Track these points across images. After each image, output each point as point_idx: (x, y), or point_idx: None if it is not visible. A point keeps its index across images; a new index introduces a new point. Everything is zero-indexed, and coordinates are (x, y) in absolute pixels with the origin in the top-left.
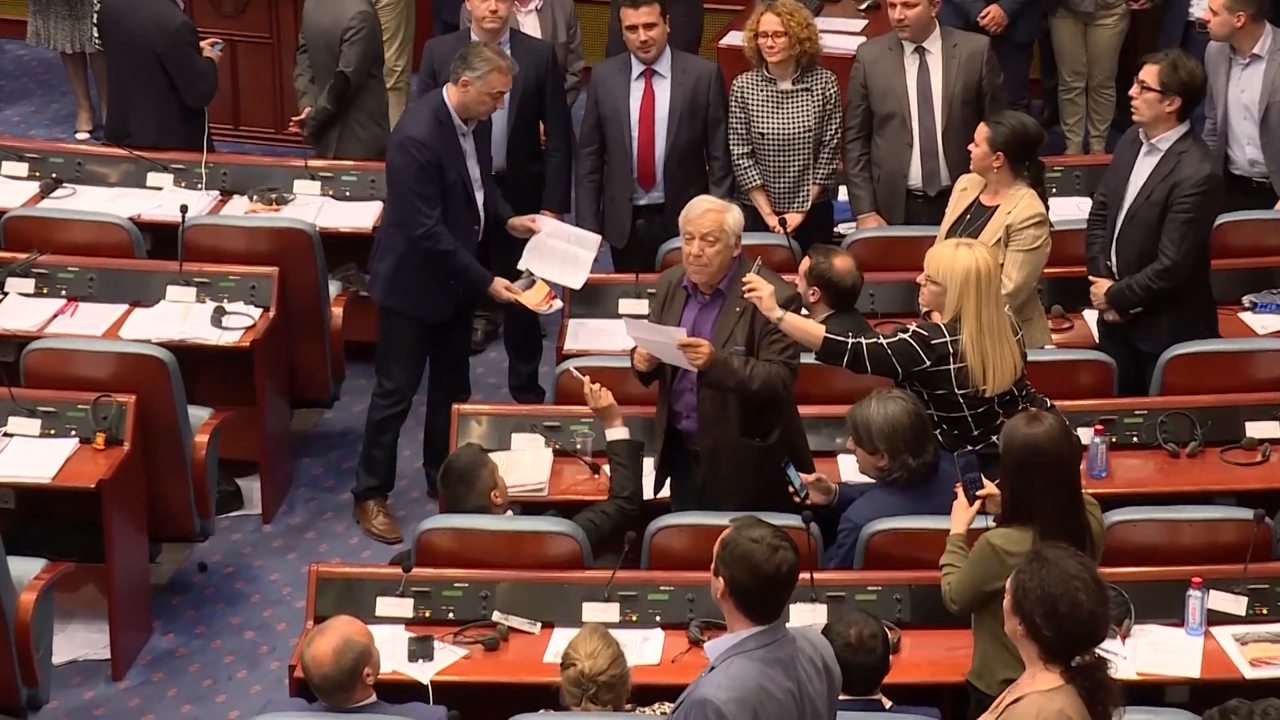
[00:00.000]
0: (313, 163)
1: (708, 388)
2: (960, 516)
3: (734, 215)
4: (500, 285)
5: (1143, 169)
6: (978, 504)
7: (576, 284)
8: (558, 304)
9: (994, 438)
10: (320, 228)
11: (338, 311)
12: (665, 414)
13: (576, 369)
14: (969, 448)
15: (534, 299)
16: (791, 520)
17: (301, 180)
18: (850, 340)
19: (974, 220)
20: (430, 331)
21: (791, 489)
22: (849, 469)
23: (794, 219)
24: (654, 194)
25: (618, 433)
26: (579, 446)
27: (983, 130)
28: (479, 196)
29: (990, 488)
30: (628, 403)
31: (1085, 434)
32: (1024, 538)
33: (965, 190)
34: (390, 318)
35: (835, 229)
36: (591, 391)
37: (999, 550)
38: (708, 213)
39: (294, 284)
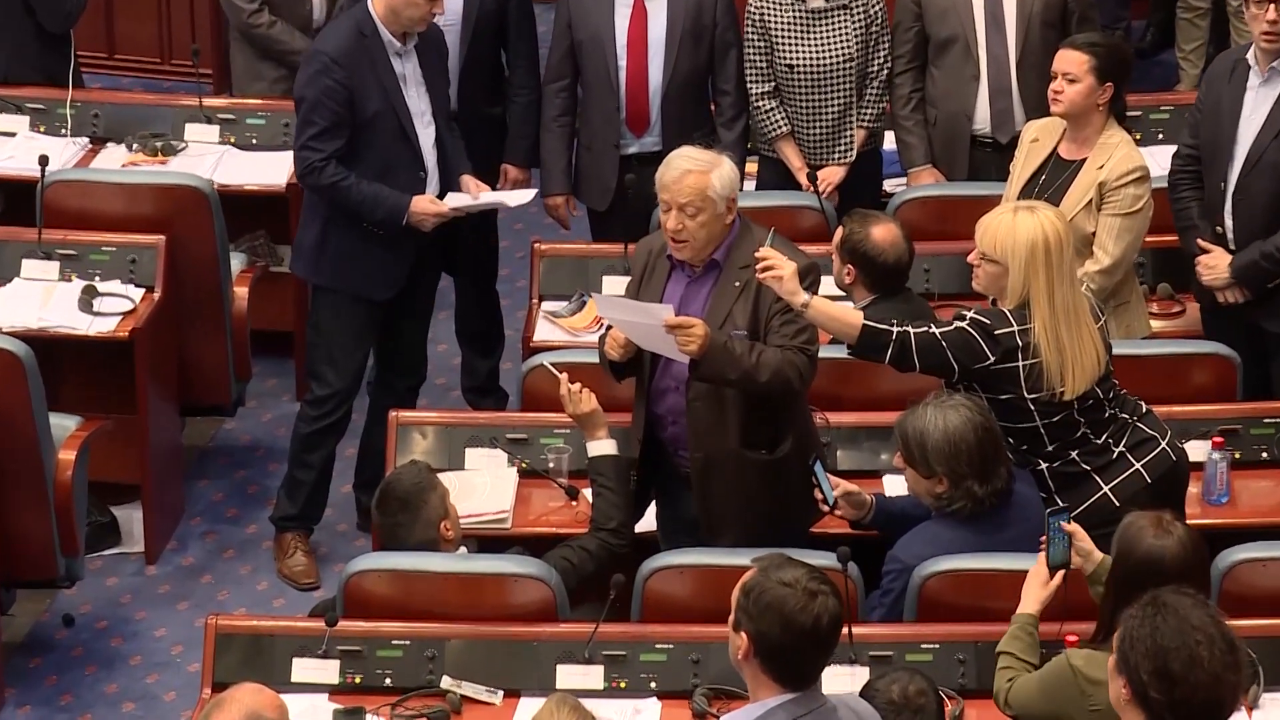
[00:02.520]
0: (210, 102)
1: (702, 382)
2: (1034, 592)
3: (721, 173)
4: (425, 203)
5: (1260, 104)
6: (1059, 579)
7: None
8: (530, 194)
9: (1073, 454)
10: (219, 185)
11: (242, 292)
12: (643, 419)
13: (550, 364)
14: (1041, 465)
15: (582, 321)
16: (822, 558)
17: (195, 124)
18: (895, 329)
19: (1053, 179)
20: (378, 314)
21: (820, 497)
22: (893, 491)
23: (833, 174)
24: (647, 139)
25: (602, 446)
26: (552, 465)
27: (1077, 58)
28: (424, 137)
29: (1087, 546)
30: (616, 409)
31: (1200, 448)
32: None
33: (1037, 141)
34: (321, 299)
35: (882, 186)
36: (570, 393)
37: (1080, 675)
38: (686, 175)
39: (186, 257)
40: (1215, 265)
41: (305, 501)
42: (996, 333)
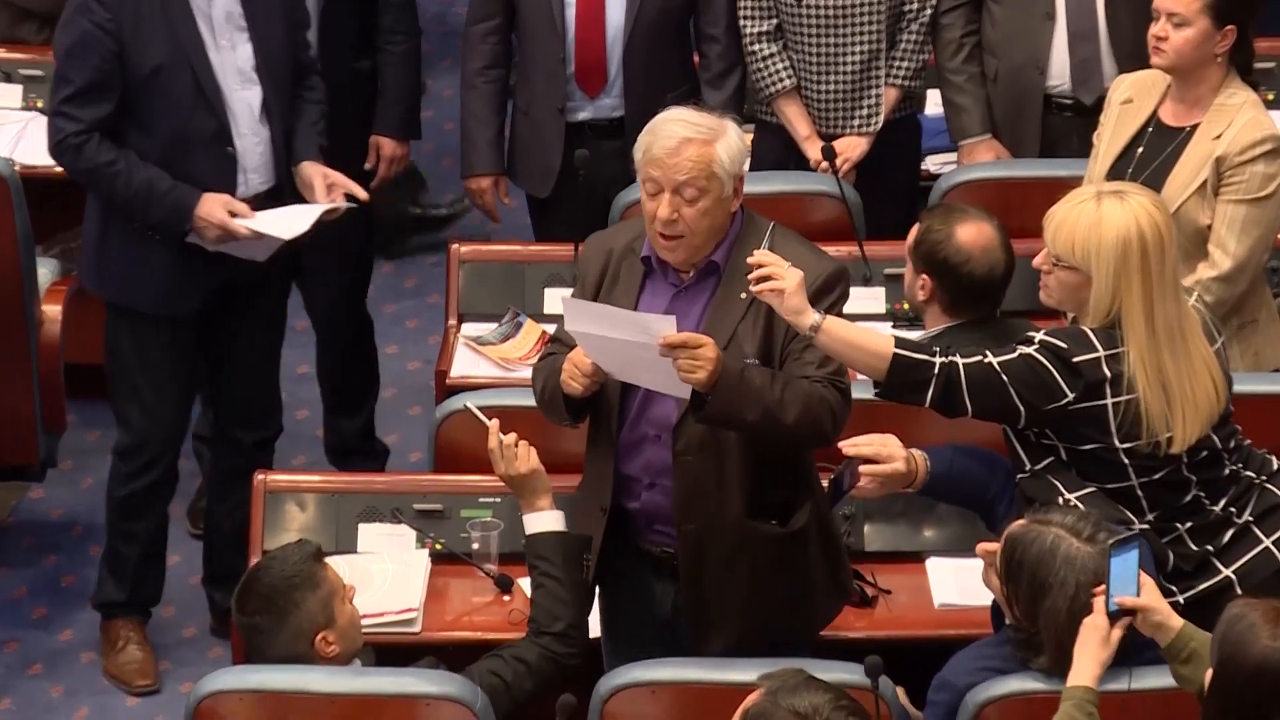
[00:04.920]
0: (7, 55)
1: (709, 424)
2: (1091, 653)
3: (729, 144)
4: (217, 206)
5: None
6: (1120, 628)
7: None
8: (316, 210)
9: (1182, 525)
10: (21, 166)
11: (53, 313)
12: (609, 480)
13: (476, 407)
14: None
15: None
16: (846, 673)
17: None
18: (938, 360)
19: (1153, 153)
20: (189, 335)
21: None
22: (941, 579)
23: (852, 146)
24: (604, 102)
25: (544, 521)
26: (476, 546)
27: None
28: (237, 102)
29: (1151, 595)
30: (564, 469)
31: None
32: None
33: (1130, 102)
34: (115, 318)
35: (920, 164)
36: (502, 447)
37: None
38: (685, 145)
39: None
40: None
41: (135, 580)
42: (1076, 361)
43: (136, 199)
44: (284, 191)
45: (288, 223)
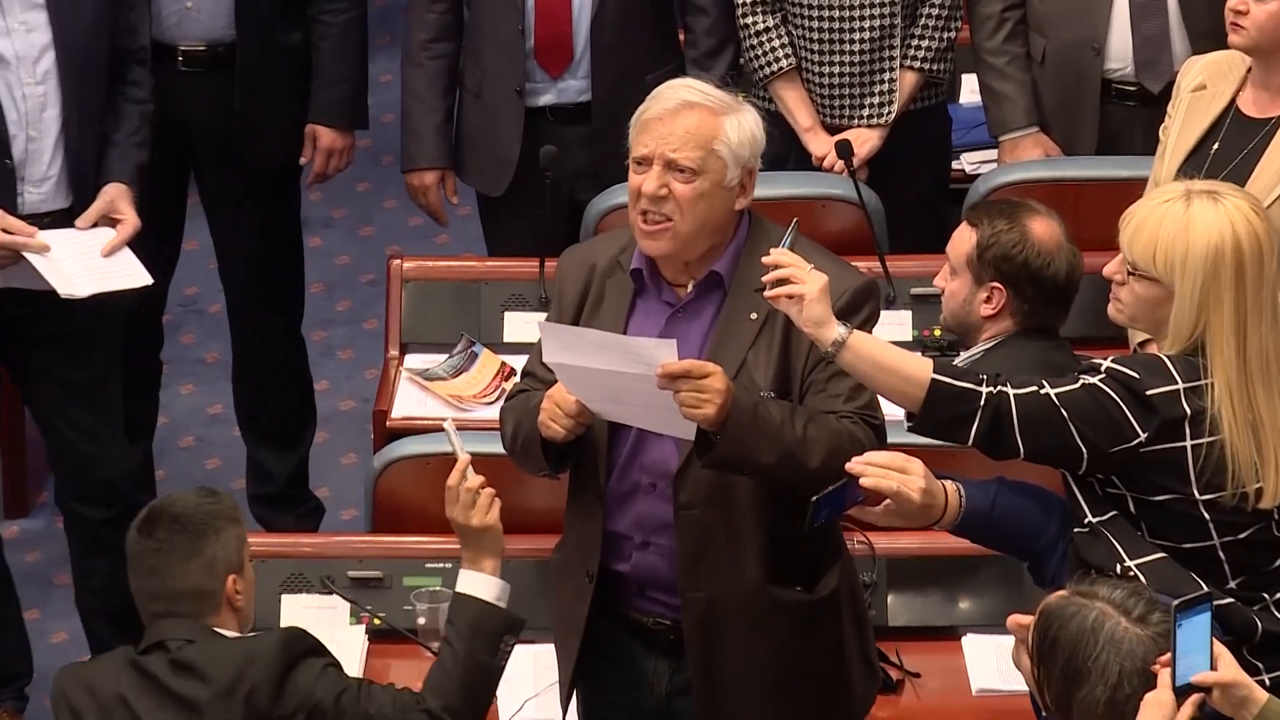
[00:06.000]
0: None
1: (717, 469)
2: None
3: (741, 123)
4: None
5: None
6: (1192, 706)
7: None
8: (125, 259)
9: (1270, 595)
10: None
11: None
12: (596, 540)
13: (454, 431)
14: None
15: (472, 384)
16: None
17: None
18: (985, 389)
19: (1231, 149)
20: None
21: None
22: (980, 660)
23: (862, 141)
24: (569, 83)
25: (477, 584)
26: (422, 620)
27: None
28: (30, 98)
29: (1229, 668)
30: (528, 529)
31: None
32: None
33: (1204, 89)
34: None
35: (954, 162)
36: (464, 486)
37: None
38: (684, 111)
39: None
40: None
41: None
42: (1150, 394)
43: None
44: (76, 214)
45: (71, 264)
